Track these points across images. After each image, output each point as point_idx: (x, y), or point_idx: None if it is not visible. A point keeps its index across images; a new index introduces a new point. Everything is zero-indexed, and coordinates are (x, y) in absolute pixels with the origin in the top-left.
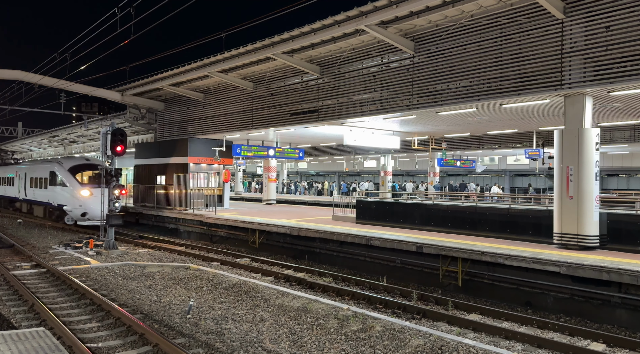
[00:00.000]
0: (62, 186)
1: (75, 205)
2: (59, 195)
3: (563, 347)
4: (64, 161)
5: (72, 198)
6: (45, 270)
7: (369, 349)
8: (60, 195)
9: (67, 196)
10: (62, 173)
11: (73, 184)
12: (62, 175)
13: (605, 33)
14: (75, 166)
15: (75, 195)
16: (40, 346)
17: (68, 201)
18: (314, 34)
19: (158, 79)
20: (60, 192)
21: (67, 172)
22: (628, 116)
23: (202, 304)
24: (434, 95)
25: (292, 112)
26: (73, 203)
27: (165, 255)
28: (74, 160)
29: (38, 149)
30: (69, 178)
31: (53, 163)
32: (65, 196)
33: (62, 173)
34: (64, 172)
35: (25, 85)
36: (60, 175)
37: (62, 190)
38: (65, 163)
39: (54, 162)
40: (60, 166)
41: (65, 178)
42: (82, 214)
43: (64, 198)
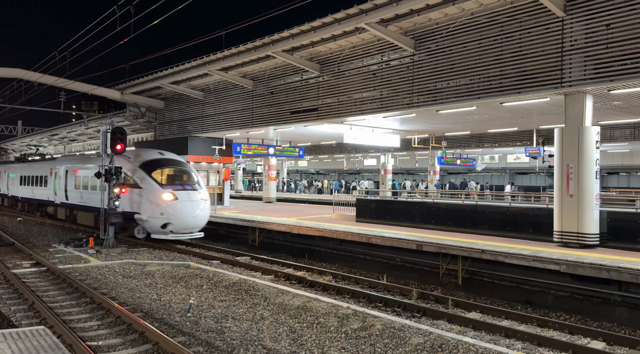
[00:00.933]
0: (133, 188)
1: (154, 213)
2: (127, 200)
3: (563, 345)
4: (131, 155)
5: (149, 204)
6: (45, 268)
7: (369, 347)
8: (128, 199)
9: (141, 202)
10: (131, 171)
11: (149, 185)
12: (133, 174)
13: (606, 31)
14: (149, 162)
15: (154, 199)
16: (40, 345)
17: (142, 207)
18: (314, 32)
19: (158, 77)
20: (131, 196)
21: (139, 169)
22: (628, 114)
23: (202, 303)
24: (434, 93)
25: (292, 110)
26: (150, 211)
27: (165, 254)
28: (145, 154)
29: (38, 148)
30: (143, 177)
31: (117, 158)
32: (136, 201)
33: (131, 170)
34: (134, 169)
35: (25, 83)
36: (130, 174)
37: (133, 193)
38: (134, 157)
39: (118, 156)
40: (128, 161)
41: (138, 177)
42: (162, 225)
43: (134, 204)
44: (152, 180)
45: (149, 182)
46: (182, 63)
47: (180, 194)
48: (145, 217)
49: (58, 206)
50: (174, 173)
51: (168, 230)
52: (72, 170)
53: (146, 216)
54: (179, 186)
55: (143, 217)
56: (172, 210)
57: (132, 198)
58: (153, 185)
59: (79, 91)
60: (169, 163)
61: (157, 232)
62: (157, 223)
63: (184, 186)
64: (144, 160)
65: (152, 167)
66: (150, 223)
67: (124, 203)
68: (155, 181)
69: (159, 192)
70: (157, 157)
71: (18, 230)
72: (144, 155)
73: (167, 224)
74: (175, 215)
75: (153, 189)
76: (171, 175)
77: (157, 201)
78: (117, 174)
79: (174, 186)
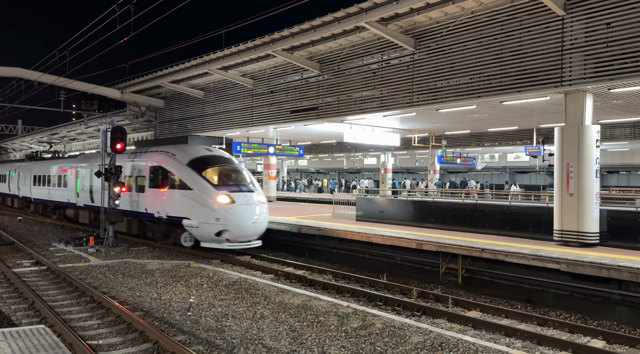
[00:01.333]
0: (181, 189)
1: (207, 219)
2: (172, 203)
3: (563, 344)
4: (174, 151)
5: (202, 208)
6: (45, 267)
7: (369, 346)
8: (175, 202)
9: (191, 205)
10: (177, 170)
11: (202, 187)
12: (179, 173)
13: (606, 29)
14: (198, 159)
15: (207, 203)
16: (40, 344)
17: (192, 212)
18: (313, 31)
19: (158, 76)
20: (177, 198)
21: (187, 167)
22: (628, 113)
23: (203, 302)
24: (434, 92)
25: (292, 110)
26: (202, 216)
27: (165, 253)
28: (191, 150)
29: (38, 147)
30: (193, 177)
31: (155, 154)
32: (184, 204)
33: (178, 169)
34: (180, 167)
35: (25, 82)
36: (176, 173)
37: (180, 195)
38: (179, 154)
39: (156, 153)
40: (172, 159)
41: (186, 177)
42: (217, 233)
43: (181, 208)
44: (204, 181)
45: (200, 183)
46: (182, 62)
47: (237, 196)
48: (197, 223)
49: (81, 209)
50: (226, 173)
51: (223, 238)
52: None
53: (197, 221)
54: (234, 188)
55: (193, 223)
56: (229, 215)
57: (178, 200)
58: (206, 186)
59: (79, 90)
60: (220, 161)
61: (210, 240)
62: (210, 230)
63: (239, 187)
64: (193, 157)
65: (202, 165)
66: (202, 230)
67: (168, 206)
68: (208, 181)
69: (213, 194)
70: (206, 154)
71: (18, 229)
72: (191, 152)
73: (222, 231)
74: (232, 221)
75: (206, 191)
76: (224, 174)
77: (212, 204)
78: (163, 175)
79: (228, 188)
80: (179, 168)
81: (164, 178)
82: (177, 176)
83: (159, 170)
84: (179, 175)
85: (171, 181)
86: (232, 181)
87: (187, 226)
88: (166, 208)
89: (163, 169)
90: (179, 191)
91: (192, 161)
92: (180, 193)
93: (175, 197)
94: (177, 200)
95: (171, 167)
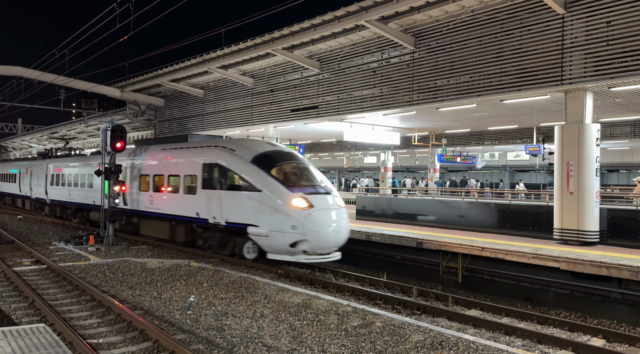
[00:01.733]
0: (246, 190)
1: (280, 226)
2: (234, 207)
3: (563, 342)
4: (234, 146)
5: (274, 213)
6: (45, 266)
7: (369, 344)
8: (238, 206)
9: (260, 210)
10: (241, 168)
11: (272, 188)
12: (242, 172)
13: (606, 28)
14: (264, 155)
15: (281, 207)
16: (40, 342)
17: (260, 218)
18: (314, 30)
19: (157, 75)
20: (241, 202)
21: (251, 165)
22: (629, 111)
23: (203, 301)
24: (434, 91)
25: (292, 108)
26: (274, 223)
27: (165, 252)
28: (252, 145)
29: (38, 145)
30: (261, 176)
31: (209, 150)
32: (250, 208)
33: (240, 167)
34: (243, 164)
35: (25, 81)
36: (237, 172)
37: (246, 198)
38: (240, 149)
39: (211, 148)
40: (232, 154)
41: (252, 176)
42: (292, 243)
43: (248, 213)
44: (275, 181)
45: (271, 183)
46: (182, 60)
47: (315, 200)
48: (266, 231)
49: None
50: (298, 171)
51: (299, 249)
52: (138, 167)
53: (267, 229)
54: (309, 189)
55: (262, 231)
56: (308, 222)
57: (241, 204)
58: (278, 187)
59: (78, 89)
60: (288, 157)
61: (282, 252)
62: (284, 240)
63: (315, 188)
64: (257, 153)
65: (269, 162)
66: (274, 239)
67: (227, 210)
68: (279, 182)
69: (288, 197)
70: (271, 149)
71: (18, 228)
72: (253, 146)
73: (299, 242)
74: (313, 230)
75: (279, 193)
76: (296, 173)
77: (287, 209)
78: (222, 173)
79: (303, 189)
80: (241, 165)
81: (222, 177)
82: (240, 175)
83: (216, 168)
84: (242, 174)
85: (232, 181)
86: (305, 181)
87: (254, 234)
88: (225, 213)
89: (221, 167)
90: (244, 193)
91: (257, 157)
92: (246, 195)
93: (237, 200)
94: (240, 204)
95: (232, 165)
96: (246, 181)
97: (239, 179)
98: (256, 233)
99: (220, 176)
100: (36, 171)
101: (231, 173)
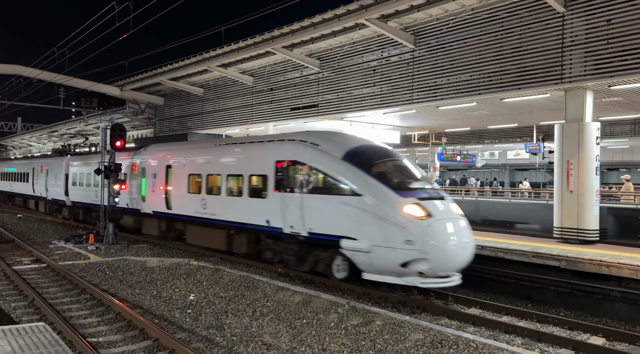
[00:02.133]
0: (341, 194)
1: (389, 240)
2: (322, 214)
3: (563, 341)
4: (318, 140)
5: (380, 223)
6: (45, 265)
7: (369, 343)
8: (327, 213)
9: (361, 219)
10: (330, 166)
11: (377, 191)
12: (335, 171)
13: (606, 26)
14: (359, 151)
15: (390, 216)
16: (40, 341)
17: (360, 229)
18: (314, 28)
19: (157, 74)
20: (332, 208)
21: (343, 162)
22: (628, 110)
23: (202, 299)
24: (434, 90)
25: (292, 107)
26: (380, 236)
27: (165, 251)
28: (339, 139)
29: (37, 144)
30: (360, 177)
31: (283, 144)
32: (349, 217)
33: (329, 165)
34: (333, 162)
35: (24, 79)
36: (329, 171)
37: (339, 204)
38: (326, 144)
39: (286, 142)
40: (317, 150)
41: (348, 177)
42: (404, 262)
43: (342, 222)
44: (379, 183)
45: (374, 186)
46: (182, 59)
47: (432, 207)
48: (368, 246)
49: (147, 217)
50: (401, 171)
51: (414, 269)
52: (186, 165)
53: (369, 244)
54: (421, 193)
55: (361, 245)
56: (429, 236)
57: (332, 211)
58: (384, 191)
59: (78, 87)
60: (385, 154)
61: (388, 272)
62: (393, 258)
63: (427, 192)
64: (350, 148)
65: (367, 159)
66: (379, 256)
67: (312, 218)
68: (384, 184)
69: (399, 204)
70: (364, 144)
71: (18, 227)
72: (342, 141)
73: (415, 261)
74: (435, 246)
75: (386, 198)
76: (400, 173)
77: (399, 219)
78: (118, 170)
79: (414, 193)
80: (330, 163)
81: (304, 178)
82: (330, 175)
83: (295, 167)
84: (332, 173)
85: (317, 182)
86: (414, 183)
87: (350, 249)
88: (308, 222)
89: (302, 165)
90: (336, 197)
91: (350, 153)
92: (339, 200)
93: (327, 206)
94: (331, 211)
95: (317, 162)
96: (340, 182)
97: (328, 180)
98: (353, 248)
99: (302, 176)
100: (53, 170)
101: (316, 172)
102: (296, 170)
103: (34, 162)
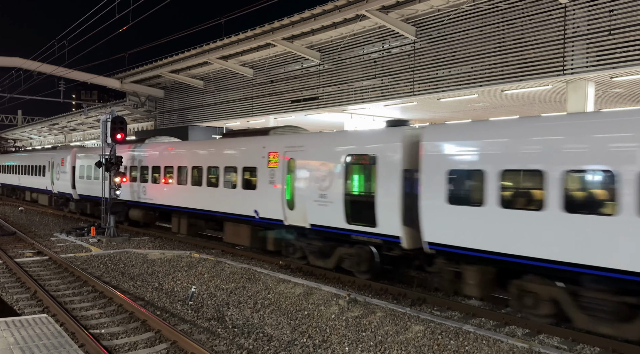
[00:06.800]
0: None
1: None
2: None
3: (562, 333)
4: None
5: None
6: (47, 257)
7: (369, 334)
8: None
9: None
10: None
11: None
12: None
13: (609, 17)
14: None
15: None
16: (43, 333)
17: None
18: (314, 20)
19: (157, 66)
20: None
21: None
22: (630, 102)
23: (204, 291)
24: (435, 82)
25: (292, 99)
26: None
27: (166, 243)
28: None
29: (38, 137)
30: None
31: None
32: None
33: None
34: None
35: (24, 72)
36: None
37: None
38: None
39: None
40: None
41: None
42: None
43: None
44: None
45: None
46: (182, 51)
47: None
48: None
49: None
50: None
51: None
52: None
53: None
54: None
55: None
56: None
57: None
58: None
59: (78, 80)
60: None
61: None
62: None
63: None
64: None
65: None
66: None
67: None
68: None
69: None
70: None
71: (20, 220)
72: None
73: None
74: None
75: None
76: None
77: None
78: (118, 163)
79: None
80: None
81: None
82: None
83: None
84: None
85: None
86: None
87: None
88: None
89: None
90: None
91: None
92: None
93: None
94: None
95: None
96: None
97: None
98: None
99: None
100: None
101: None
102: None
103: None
